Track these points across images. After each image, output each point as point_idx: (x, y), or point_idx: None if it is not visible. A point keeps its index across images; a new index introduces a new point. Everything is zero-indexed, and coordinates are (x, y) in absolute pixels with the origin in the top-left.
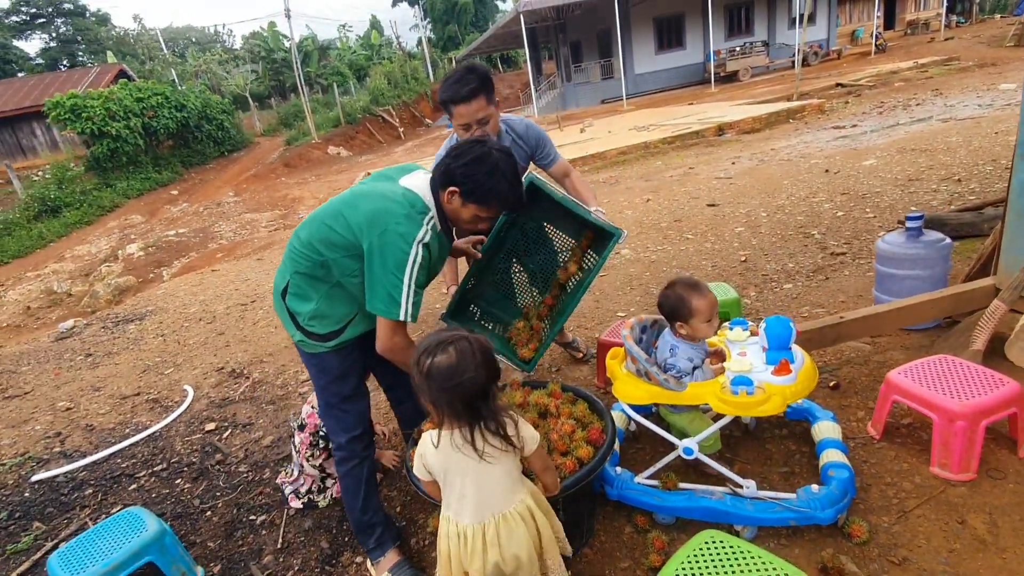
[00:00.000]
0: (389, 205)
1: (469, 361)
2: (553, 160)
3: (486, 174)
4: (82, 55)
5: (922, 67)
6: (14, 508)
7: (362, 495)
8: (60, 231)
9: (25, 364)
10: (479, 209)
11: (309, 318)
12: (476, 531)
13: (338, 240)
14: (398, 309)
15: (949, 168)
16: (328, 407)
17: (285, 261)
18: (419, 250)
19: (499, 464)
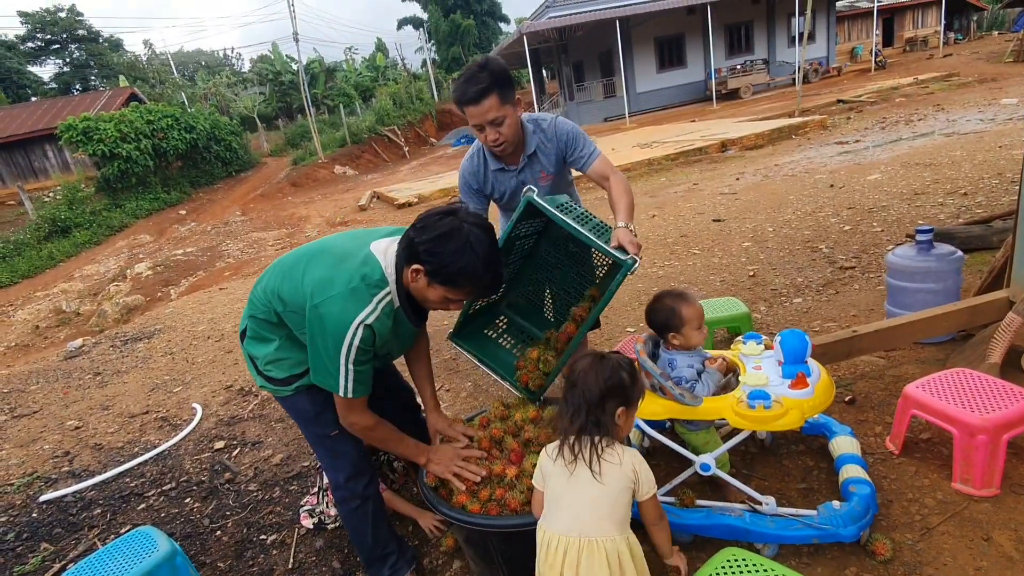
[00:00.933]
0: (335, 275)
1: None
2: (590, 160)
3: (454, 252)
4: (94, 79)
5: (922, 83)
6: (22, 529)
7: (371, 531)
8: (70, 251)
9: (34, 383)
10: (447, 291)
11: (266, 362)
12: (560, 543)
13: (288, 296)
14: (337, 387)
15: (954, 182)
16: (317, 448)
17: (248, 303)
18: (358, 331)
19: (601, 488)
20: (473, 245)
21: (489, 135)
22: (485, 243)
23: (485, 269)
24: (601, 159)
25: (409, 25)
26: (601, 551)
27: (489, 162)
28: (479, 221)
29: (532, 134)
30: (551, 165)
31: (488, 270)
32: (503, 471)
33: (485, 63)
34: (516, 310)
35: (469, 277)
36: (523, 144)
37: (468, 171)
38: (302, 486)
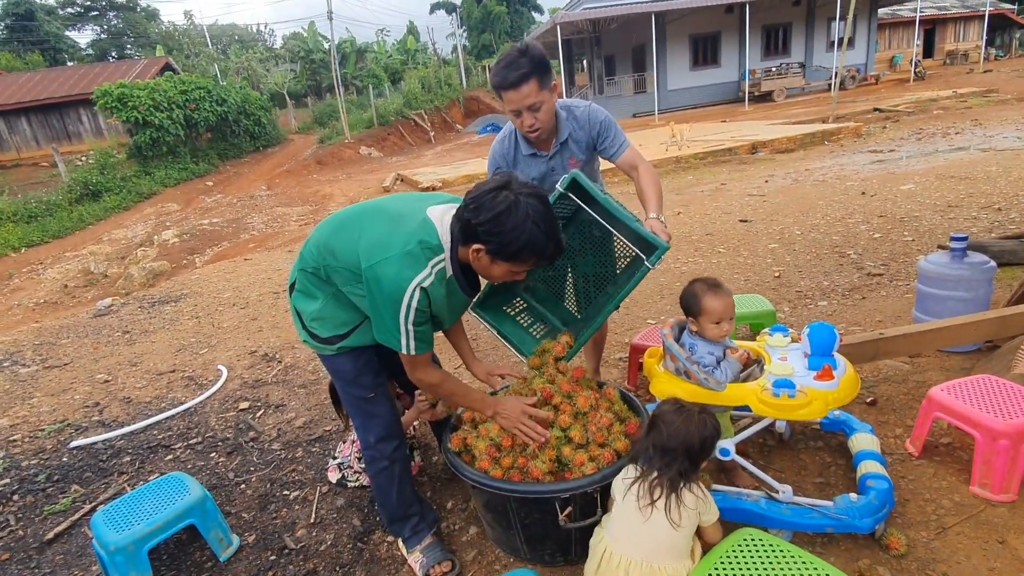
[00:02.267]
0: (392, 237)
1: (695, 434)
2: (620, 150)
3: (514, 229)
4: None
5: (961, 97)
6: (53, 471)
7: (395, 492)
8: (99, 215)
9: (65, 337)
10: (512, 266)
11: (311, 319)
12: (623, 562)
13: (341, 252)
14: (400, 346)
15: (989, 196)
16: (351, 408)
17: (298, 257)
18: (415, 295)
19: (676, 532)
20: (533, 218)
21: (526, 120)
22: (543, 213)
23: (547, 239)
24: (631, 150)
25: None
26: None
27: (521, 146)
28: (533, 191)
29: (565, 121)
30: (581, 152)
31: (550, 240)
32: (525, 442)
33: (525, 49)
34: (534, 294)
35: (533, 250)
36: (556, 130)
37: (499, 153)
38: (324, 448)
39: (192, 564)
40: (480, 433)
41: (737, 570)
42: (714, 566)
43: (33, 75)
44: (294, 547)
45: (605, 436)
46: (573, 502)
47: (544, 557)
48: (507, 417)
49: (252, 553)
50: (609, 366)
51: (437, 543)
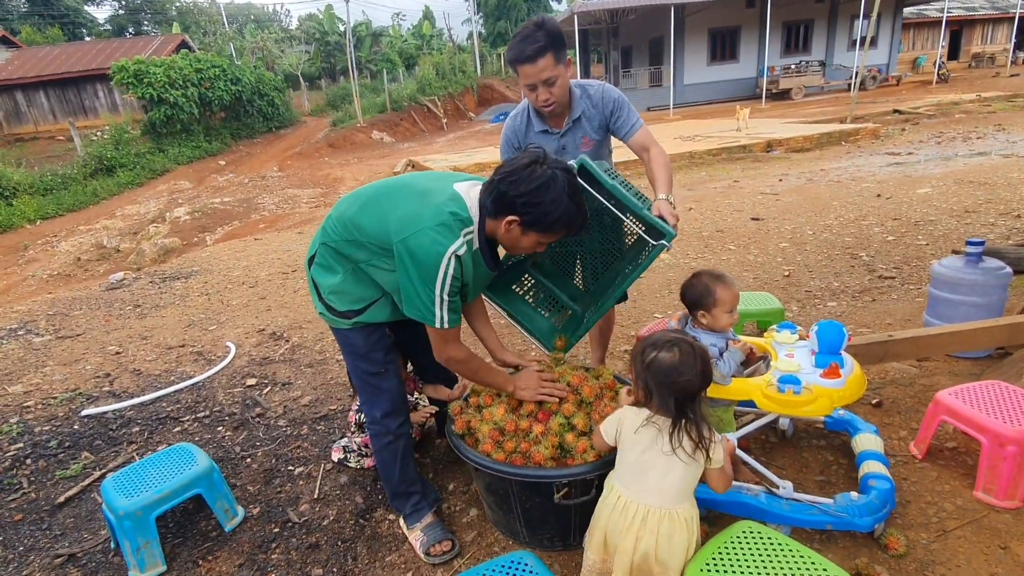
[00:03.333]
0: (422, 210)
1: (689, 365)
2: (632, 130)
3: (553, 202)
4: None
5: (985, 101)
6: (64, 438)
7: (398, 468)
8: (113, 190)
9: (77, 309)
10: (542, 236)
11: (329, 292)
12: (640, 511)
13: (368, 227)
14: (433, 318)
15: (1008, 203)
16: (359, 382)
17: (319, 231)
18: (451, 262)
19: (686, 469)
20: (568, 192)
21: (540, 95)
22: (575, 187)
23: (579, 212)
24: (643, 130)
25: None
26: (681, 520)
27: (533, 123)
28: (563, 165)
29: (579, 99)
30: (594, 131)
31: (581, 212)
32: (529, 427)
33: (542, 22)
34: (541, 270)
35: (566, 222)
36: (569, 108)
37: (511, 128)
38: (329, 427)
39: (198, 532)
40: (484, 417)
41: (734, 561)
42: (711, 556)
43: (52, 49)
44: (297, 521)
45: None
46: (572, 488)
47: (543, 541)
48: (527, 387)
49: (256, 525)
50: (614, 358)
51: (438, 523)
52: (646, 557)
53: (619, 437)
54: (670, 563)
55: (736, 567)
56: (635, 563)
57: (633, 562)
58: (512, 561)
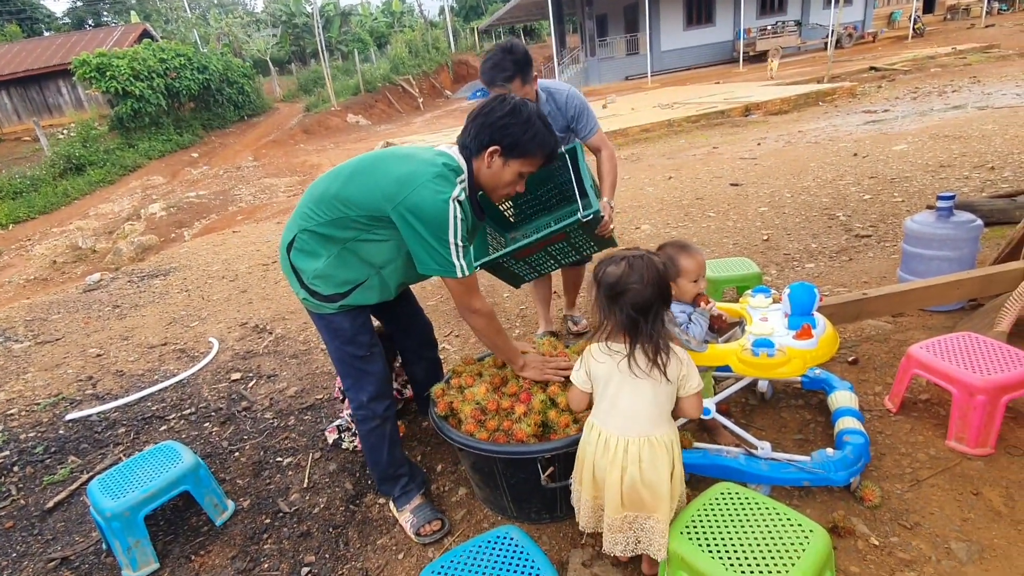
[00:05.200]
0: (415, 168)
1: (638, 275)
2: (590, 133)
3: (525, 123)
4: (107, 15)
5: (960, 54)
6: (50, 444)
7: (386, 451)
8: (84, 189)
9: (55, 313)
10: (522, 164)
11: (313, 276)
12: (620, 443)
13: (358, 198)
14: (453, 268)
15: (983, 156)
16: (344, 367)
17: (295, 216)
18: (456, 207)
19: (654, 390)
20: (536, 114)
21: None
22: (541, 113)
23: (550, 133)
24: (598, 134)
25: None
26: (661, 445)
27: None
28: (526, 100)
29: (544, 103)
30: (559, 131)
31: (551, 134)
32: (511, 407)
33: (510, 48)
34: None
35: (541, 143)
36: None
37: None
38: (316, 416)
39: (189, 528)
40: (466, 397)
41: (714, 522)
42: (691, 518)
43: (11, 47)
44: (288, 510)
45: None
46: (556, 461)
47: (531, 515)
48: (534, 367)
49: (247, 517)
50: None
51: (427, 503)
52: (633, 485)
53: (590, 377)
54: (657, 486)
55: (715, 528)
56: (624, 493)
57: (623, 492)
58: (498, 536)
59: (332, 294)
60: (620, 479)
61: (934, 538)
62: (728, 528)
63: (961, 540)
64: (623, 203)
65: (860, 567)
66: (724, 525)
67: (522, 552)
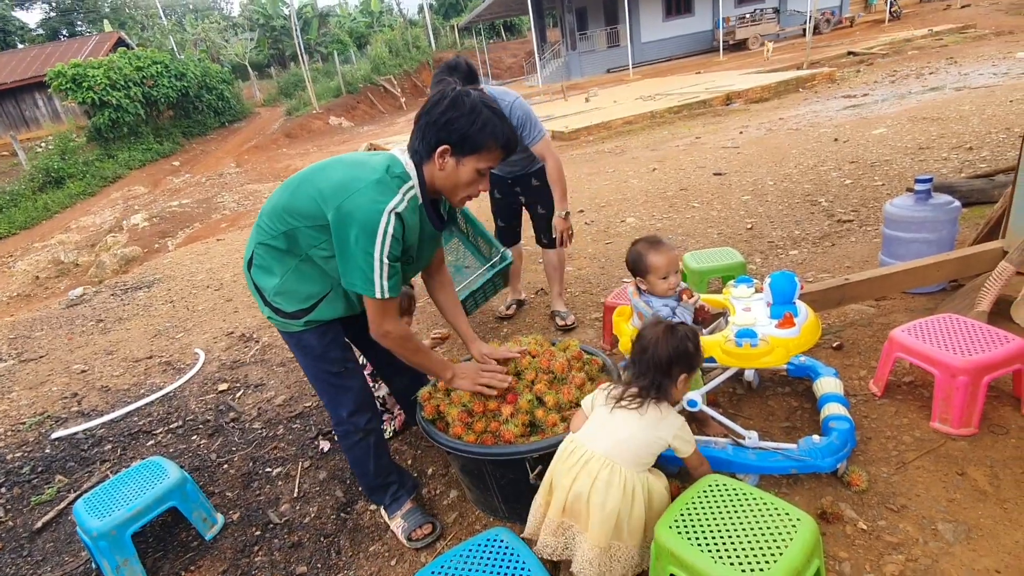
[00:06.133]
0: (358, 172)
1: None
2: (535, 140)
3: (472, 111)
4: (81, 24)
5: (937, 35)
6: (36, 463)
7: (372, 463)
8: (64, 202)
9: (38, 330)
10: (478, 160)
11: (274, 293)
12: (585, 454)
13: (303, 207)
14: (373, 287)
15: (961, 137)
16: (319, 384)
17: (253, 231)
18: (390, 220)
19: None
20: (483, 101)
21: None
22: (487, 99)
23: (501, 119)
24: (543, 142)
25: None
26: (620, 476)
27: None
28: (468, 89)
29: None
30: None
31: (503, 120)
32: (498, 408)
33: (455, 65)
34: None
35: (492, 133)
36: None
37: None
38: (305, 425)
39: (178, 544)
40: (452, 400)
41: (702, 515)
42: (679, 512)
43: None
44: (279, 521)
45: (577, 395)
46: (544, 460)
47: (522, 515)
48: (465, 376)
49: (237, 530)
50: (585, 326)
51: (418, 508)
52: (578, 496)
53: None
54: (597, 510)
55: (704, 521)
56: (568, 502)
57: (567, 500)
58: (488, 539)
59: (296, 310)
60: (569, 486)
61: (921, 520)
62: (716, 520)
63: (948, 521)
64: (608, 196)
65: (849, 552)
66: (712, 517)
67: (513, 553)
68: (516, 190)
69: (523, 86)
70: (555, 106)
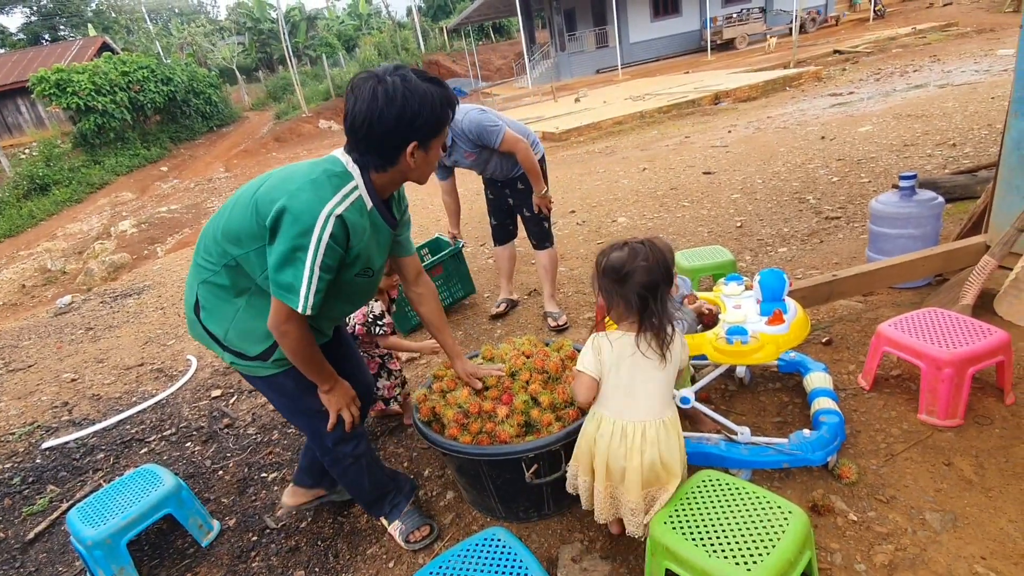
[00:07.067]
0: (293, 173)
1: (642, 256)
2: (497, 142)
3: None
4: (64, 29)
5: (920, 33)
6: (27, 474)
7: (367, 481)
8: (50, 209)
9: (26, 339)
10: (440, 137)
11: (235, 336)
12: (637, 428)
13: (241, 227)
14: (297, 297)
15: (944, 133)
16: (300, 423)
17: (191, 270)
18: (328, 222)
19: (662, 371)
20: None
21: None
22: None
23: (439, 85)
24: (506, 139)
25: None
26: (671, 425)
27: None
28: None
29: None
30: (470, 148)
31: (439, 84)
32: (493, 409)
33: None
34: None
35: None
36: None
37: None
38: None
39: (174, 551)
40: (448, 401)
41: (696, 510)
42: (674, 507)
43: None
44: (275, 526)
45: (571, 393)
46: (540, 460)
47: (519, 514)
48: (339, 395)
49: (234, 536)
50: (578, 326)
51: (415, 510)
52: (652, 465)
53: (601, 362)
54: (673, 465)
55: (698, 516)
56: (645, 475)
57: (643, 475)
58: (485, 539)
59: (261, 351)
60: (640, 463)
61: (909, 510)
62: (710, 515)
63: (935, 510)
64: (599, 197)
65: (840, 543)
66: (706, 512)
67: (510, 552)
68: (506, 192)
69: (513, 87)
70: (545, 107)
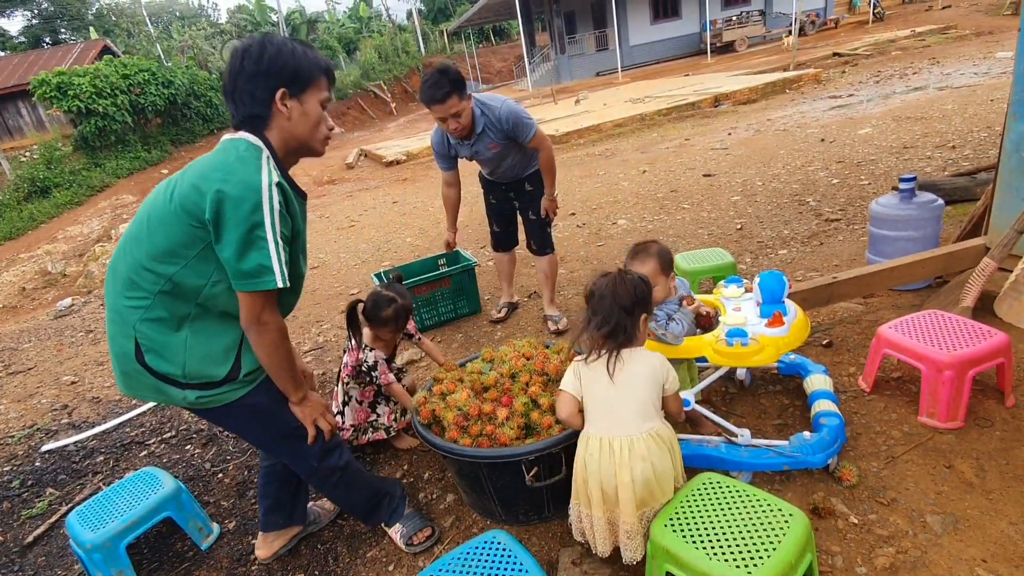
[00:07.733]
0: (206, 163)
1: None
2: (528, 138)
3: (282, 48)
4: (64, 32)
5: (919, 36)
6: (26, 476)
7: (357, 492)
8: (51, 212)
9: (26, 341)
10: (315, 91)
11: (194, 368)
12: (624, 443)
13: (175, 239)
14: (272, 275)
15: (944, 135)
16: (277, 446)
17: (115, 320)
18: (272, 191)
19: (643, 390)
20: (282, 38)
21: (451, 124)
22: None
23: (308, 47)
24: (537, 136)
25: None
26: (659, 438)
27: (449, 135)
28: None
29: (480, 116)
30: (498, 139)
31: (309, 47)
32: (493, 411)
33: (445, 69)
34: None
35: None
36: (473, 125)
37: (436, 141)
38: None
39: (174, 555)
40: (448, 404)
41: (697, 513)
42: (675, 510)
43: None
44: None
45: None
46: (540, 462)
47: (519, 517)
48: (312, 406)
49: (234, 539)
50: (561, 335)
51: (415, 513)
52: (647, 482)
53: (581, 384)
54: (665, 478)
55: (698, 519)
56: (638, 493)
57: (636, 493)
58: (485, 541)
59: (229, 370)
60: (631, 479)
61: (910, 512)
62: (710, 518)
63: (936, 513)
64: (600, 199)
65: (841, 546)
66: (707, 515)
67: (510, 555)
68: (510, 195)
69: (513, 90)
70: (545, 109)
